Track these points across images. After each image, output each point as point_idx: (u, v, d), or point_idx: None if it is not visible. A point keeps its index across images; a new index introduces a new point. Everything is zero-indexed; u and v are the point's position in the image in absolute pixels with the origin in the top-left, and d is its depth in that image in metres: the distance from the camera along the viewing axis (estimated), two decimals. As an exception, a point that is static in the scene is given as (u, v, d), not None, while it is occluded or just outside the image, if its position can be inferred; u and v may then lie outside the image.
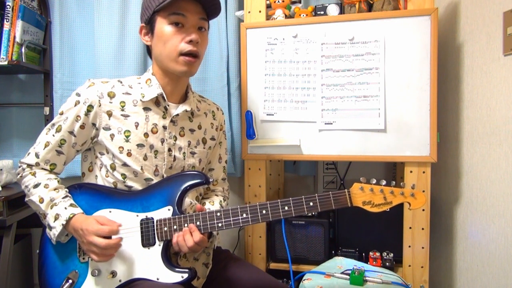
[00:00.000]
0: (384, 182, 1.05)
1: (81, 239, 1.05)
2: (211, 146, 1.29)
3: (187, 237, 1.05)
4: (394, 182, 1.06)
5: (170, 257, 1.10)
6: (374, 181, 1.05)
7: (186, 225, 1.08)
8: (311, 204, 1.06)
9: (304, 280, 1.35)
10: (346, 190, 1.06)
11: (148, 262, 1.07)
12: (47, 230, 1.09)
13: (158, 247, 1.08)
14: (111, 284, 1.06)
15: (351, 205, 1.06)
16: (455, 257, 1.47)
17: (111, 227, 1.04)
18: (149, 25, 1.14)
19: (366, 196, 1.04)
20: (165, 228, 1.08)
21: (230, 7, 1.76)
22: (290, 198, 1.07)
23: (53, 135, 1.13)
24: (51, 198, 1.10)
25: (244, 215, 1.08)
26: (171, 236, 1.08)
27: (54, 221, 1.07)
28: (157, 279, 1.06)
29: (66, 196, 1.12)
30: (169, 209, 1.10)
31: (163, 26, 1.10)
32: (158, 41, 1.12)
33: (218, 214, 1.08)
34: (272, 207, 1.07)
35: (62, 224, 1.05)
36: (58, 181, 1.14)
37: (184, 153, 1.19)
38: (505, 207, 1.18)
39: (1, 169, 1.62)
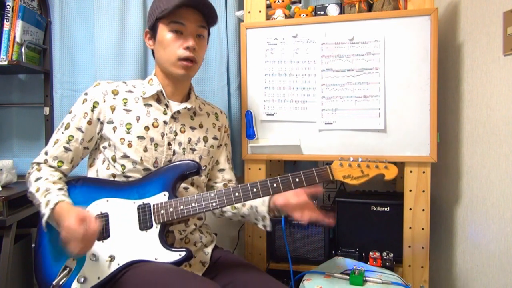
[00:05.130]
0: (360, 159, 1.15)
1: (59, 228, 1.04)
2: (214, 145, 1.31)
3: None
4: (369, 160, 1.15)
5: (167, 239, 1.13)
6: (351, 158, 1.15)
7: (182, 207, 1.12)
8: (297, 180, 1.13)
9: (304, 280, 1.35)
10: (327, 165, 1.16)
11: (146, 244, 1.10)
12: (42, 220, 1.09)
13: (155, 229, 1.11)
14: (110, 267, 1.08)
15: (333, 179, 1.16)
16: (455, 257, 1.47)
17: (89, 214, 1.00)
18: (152, 30, 1.21)
19: (345, 170, 1.14)
20: (162, 211, 1.12)
21: (230, 7, 1.76)
22: (278, 177, 1.14)
23: (62, 133, 1.19)
24: (47, 188, 1.12)
25: (236, 194, 1.13)
26: (168, 219, 1.11)
27: (45, 207, 1.08)
28: (155, 259, 1.08)
29: (62, 189, 1.14)
30: (165, 194, 1.14)
31: (164, 32, 1.17)
32: (159, 46, 1.19)
33: (212, 195, 1.13)
34: (262, 185, 1.13)
35: (51, 209, 1.06)
36: (59, 177, 1.17)
37: (184, 148, 1.23)
38: (505, 207, 1.18)
39: (1, 169, 1.62)
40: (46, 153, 1.19)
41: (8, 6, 1.68)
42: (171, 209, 1.12)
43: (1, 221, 1.47)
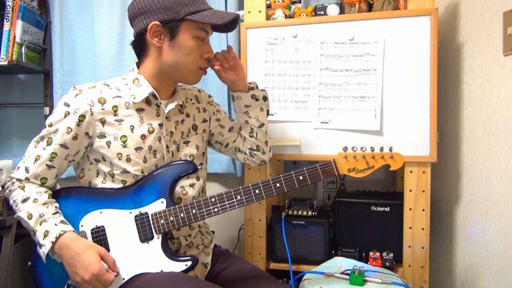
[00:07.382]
0: (365, 149, 1.11)
1: (73, 267, 0.99)
2: (205, 128, 1.29)
3: None
4: (374, 147, 1.11)
5: (170, 249, 1.10)
6: (356, 148, 1.11)
7: (182, 215, 1.08)
8: (301, 178, 1.10)
9: (304, 280, 1.35)
10: (331, 160, 1.12)
11: (150, 256, 1.07)
12: (38, 248, 1.04)
13: (157, 240, 1.08)
14: (115, 283, 1.05)
15: (338, 174, 1.12)
16: (455, 257, 1.47)
17: (113, 275, 1.00)
18: (167, 28, 1.07)
19: (350, 163, 1.11)
20: (162, 221, 1.08)
21: (230, 7, 1.77)
22: (281, 175, 1.10)
23: (44, 148, 1.08)
24: (40, 213, 1.04)
25: (239, 197, 1.09)
26: (169, 229, 1.08)
27: (43, 238, 1.01)
28: (161, 271, 1.06)
29: (57, 212, 1.06)
30: (162, 202, 1.09)
31: (189, 37, 1.08)
32: (178, 50, 1.09)
33: (213, 199, 1.09)
34: (264, 186, 1.10)
35: (52, 242, 1.00)
36: (48, 195, 1.09)
37: (178, 145, 1.18)
38: (505, 207, 1.18)
39: (1, 169, 1.62)
40: (26, 170, 1.08)
41: (8, 6, 1.68)
42: (171, 218, 1.08)
43: (1, 221, 1.48)
